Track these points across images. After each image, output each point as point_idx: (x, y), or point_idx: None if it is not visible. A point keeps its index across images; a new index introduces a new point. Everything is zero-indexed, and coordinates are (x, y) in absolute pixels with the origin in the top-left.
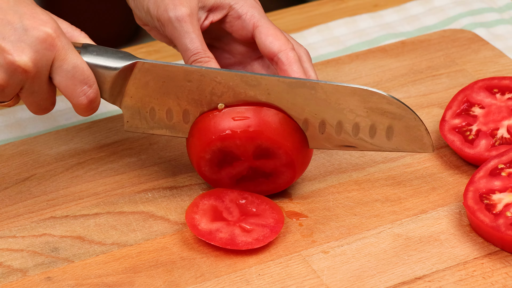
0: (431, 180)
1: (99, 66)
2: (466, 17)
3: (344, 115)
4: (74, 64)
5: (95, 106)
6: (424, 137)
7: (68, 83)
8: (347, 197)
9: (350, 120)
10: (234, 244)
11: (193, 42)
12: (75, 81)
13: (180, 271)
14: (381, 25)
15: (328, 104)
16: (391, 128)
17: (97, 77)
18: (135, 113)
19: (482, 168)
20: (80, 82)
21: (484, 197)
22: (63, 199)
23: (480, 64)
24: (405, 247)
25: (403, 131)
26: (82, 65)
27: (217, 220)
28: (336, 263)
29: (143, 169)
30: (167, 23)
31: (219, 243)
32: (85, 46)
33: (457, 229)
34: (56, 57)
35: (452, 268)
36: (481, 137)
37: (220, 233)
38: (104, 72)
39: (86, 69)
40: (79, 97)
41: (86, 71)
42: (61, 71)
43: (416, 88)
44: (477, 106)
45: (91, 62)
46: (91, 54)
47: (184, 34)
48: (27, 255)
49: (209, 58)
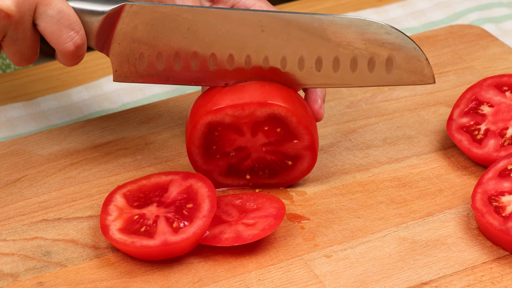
0: (438, 181)
1: (85, 11)
2: (474, 12)
3: (341, 50)
4: (59, 8)
5: (82, 53)
6: (424, 67)
7: (53, 29)
8: (351, 199)
9: (348, 54)
10: (241, 240)
11: None
12: (60, 26)
13: (177, 276)
14: (386, 21)
15: (324, 38)
16: (391, 59)
17: (83, 23)
18: (123, 61)
19: (491, 169)
20: (66, 27)
21: (493, 199)
22: (56, 201)
23: (489, 61)
24: (411, 251)
25: (403, 62)
26: (68, 9)
27: (218, 224)
28: (339, 267)
29: (138, 170)
30: None
31: (225, 243)
32: None
33: (465, 232)
34: (40, 1)
35: (460, 273)
36: (489, 137)
37: (225, 234)
38: (91, 17)
39: (72, 14)
40: (65, 44)
41: (72, 16)
42: (46, 17)
43: (422, 86)
44: (485, 105)
45: (76, 7)
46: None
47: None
48: (18, 259)
49: None
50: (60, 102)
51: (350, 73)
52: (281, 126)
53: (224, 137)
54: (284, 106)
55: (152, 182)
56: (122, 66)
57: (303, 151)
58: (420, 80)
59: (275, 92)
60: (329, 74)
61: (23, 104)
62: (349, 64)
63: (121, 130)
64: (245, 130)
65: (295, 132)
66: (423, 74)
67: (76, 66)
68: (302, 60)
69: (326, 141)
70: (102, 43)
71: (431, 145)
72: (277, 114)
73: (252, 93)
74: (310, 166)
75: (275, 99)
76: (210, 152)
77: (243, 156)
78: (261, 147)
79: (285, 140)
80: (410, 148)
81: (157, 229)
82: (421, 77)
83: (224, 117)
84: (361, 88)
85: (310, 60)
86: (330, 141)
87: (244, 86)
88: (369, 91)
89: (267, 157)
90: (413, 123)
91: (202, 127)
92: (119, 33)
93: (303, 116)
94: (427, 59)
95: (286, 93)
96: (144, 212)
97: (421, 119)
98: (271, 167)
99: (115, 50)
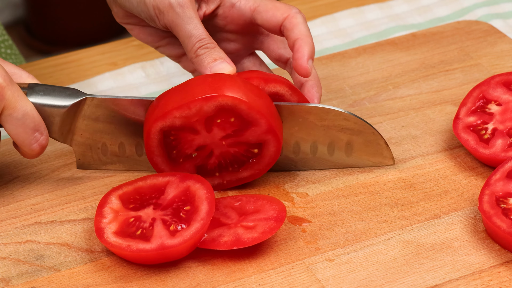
0: (444, 182)
1: (47, 106)
2: (482, 7)
3: (300, 135)
4: (24, 111)
5: (44, 149)
6: (383, 150)
7: (19, 131)
8: (354, 201)
9: (308, 139)
10: (240, 243)
11: (197, 28)
12: (26, 128)
13: (174, 280)
14: (390, 16)
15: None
16: (350, 144)
17: (46, 116)
18: (86, 150)
19: (499, 170)
20: (31, 129)
21: (501, 201)
22: (49, 203)
23: (496, 58)
24: (416, 254)
25: (362, 146)
26: (32, 111)
27: (216, 226)
28: (341, 272)
29: (134, 171)
30: (168, 10)
31: (224, 247)
32: (31, 87)
33: (471, 235)
34: (5, 106)
35: (467, 277)
36: (497, 137)
37: (223, 237)
38: (53, 111)
39: (36, 115)
40: (31, 145)
41: (36, 117)
42: (11, 119)
43: (428, 84)
44: (493, 103)
45: (38, 102)
46: (38, 94)
47: (188, 19)
48: (10, 264)
49: (214, 45)
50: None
51: (311, 157)
52: (233, 116)
53: (180, 140)
54: (229, 95)
55: (149, 183)
56: (85, 155)
57: (264, 136)
58: (380, 162)
59: (218, 83)
60: (289, 157)
61: None
62: (309, 148)
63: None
64: (199, 128)
65: (249, 119)
66: (382, 156)
67: (70, 63)
68: None
69: None
70: (65, 135)
71: (437, 145)
72: (224, 105)
73: (195, 89)
74: (277, 150)
75: (219, 90)
76: (172, 157)
77: (207, 155)
78: (221, 142)
79: (242, 129)
80: (415, 148)
81: (153, 232)
82: (381, 159)
83: (174, 120)
84: (364, 86)
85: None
86: None
87: (188, 84)
88: (372, 89)
89: (230, 151)
90: (418, 122)
91: (156, 135)
92: (81, 125)
93: (253, 100)
94: (385, 142)
95: (231, 81)
96: (140, 215)
97: (427, 118)
98: (238, 159)
99: (77, 141)
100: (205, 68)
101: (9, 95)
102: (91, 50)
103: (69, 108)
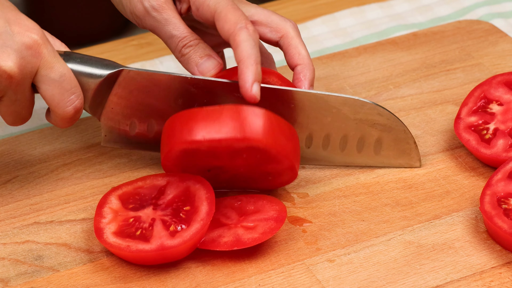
0: (445, 183)
1: (83, 74)
2: (483, 7)
3: (332, 127)
4: (61, 72)
5: (78, 116)
6: (412, 150)
7: (54, 92)
8: (354, 201)
9: (339, 132)
10: (240, 244)
11: (176, 28)
12: (62, 90)
13: (174, 281)
14: (391, 16)
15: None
16: (380, 141)
17: (80, 85)
18: (114, 126)
19: (500, 170)
20: (67, 91)
21: (502, 202)
22: (48, 203)
23: (498, 57)
24: (417, 255)
25: (392, 145)
26: (69, 74)
27: (216, 227)
28: (342, 272)
29: (134, 171)
30: (144, 15)
31: (224, 247)
32: (67, 53)
33: (473, 236)
34: (41, 64)
35: (468, 278)
36: (498, 137)
37: (223, 238)
38: (88, 80)
39: (73, 78)
40: (65, 107)
41: (73, 80)
42: (48, 80)
43: (429, 84)
44: (495, 103)
45: (75, 69)
46: (75, 61)
47: (165, 22)
48: (8, 264)
49: (198, 41)
50: None
51: (339, 152)
52: (260, 154)
53: (200, 159)
54: (263, 140)
55: (149, 184)
56: (112, 131)
57: (282, 171)
58: (406, 162)
59: (252, 122)
60: (318, 152)
61: None
62: (339, 143)
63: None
64: (223, 157)
65: (275, 159)
66: (410, 156)
67: None
68: None
69: None
70: (96, 107)
71: (438, 145)
72: (255, 146)
73: (228, 124)
74: (291, 180)
75: (253, 132)
76: (186, 166)
77: (220, 172)
78: (239, 167)
79: (264, 164)
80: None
81: (153, 232)
82: (408, 159)
83: (200, 146)
84: (365, 86)
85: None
86: None
87: (221, 113)
88: (373, 89)
89: (245, 173)
90: (419, 122)
91: (177, 153)
92: (114, 98)
93: (283, 145)
94: (415, 142)
95: (266, 120)
96: (139, 215)
97: (428, 118)
98: (250, 179)
99: (107, 115)
100: (193, 68)
101: (45, 53)
102: (91, 49)
103: (104, 78)
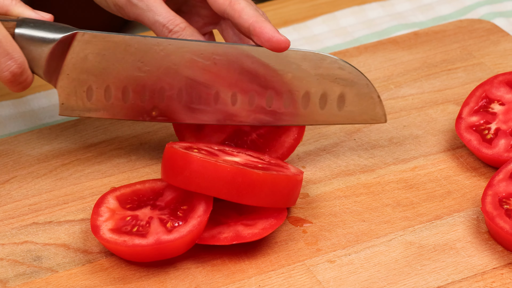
0: (446, 183)
1: (36, 39)
2: (484, 6)
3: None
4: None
5: (23, 80)
6: (376, 105)
7: None
8: (355, 202)
9: (300, 89)
10: (240, 238)
11: (159, 13)
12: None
13: (173, 282)
14: (392, 15)
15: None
16: (343, 96)
17: (33, 50)
18: (71, 93)
19: (502, 170)
20: (3, 56)
21: (504, 202)
22: (46, 204)
23: (499, 57)
24: (418, 256)
25: (355, 100)
26: (5, 39)
27: (216, 225)
28: (343, 273)
29: (133, 171)
30: (126, 4)
31: (224, 242)
32: (22, 19)
33: (474, 236)
34: None
35: (469, 279)
36: (500, 137)
37: (223, 234)
38: (41, 45)
39: (9, 42)
40: (2, 72)
41: (9, 44)
42: None
43: (430, 83)
44: (496, 103)
45: (27, 34)
46: (28, 26)
47: (147, 8)
48: (7, 264)
49: (184, 24)
50: (51, 100)
51: (302, 110)
52: None
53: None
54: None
55: (147, 187)
56: (69, 99)
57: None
58: (371, 118)
59: None
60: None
61: (12, 103)
62: (301, 99)
63: (115, 130)
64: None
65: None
66: (374, 112)
67: None
68: (253, 96)
69: (329, 141)
70: (51, 74)
71: (439, 145)
72: None
73: None
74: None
75: None
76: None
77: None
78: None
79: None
80: (417, 148)
81: (150, 229)
82: (372, 115)
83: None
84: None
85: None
86: (333, 140)
87: None
88: None
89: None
90: (420, 122)
91: None
92: (69, 63)
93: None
94: (379, 96)
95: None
96: (137, 214)
97: (429, 118)
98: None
99: (63, 82)
100: None
101: None
102: None
103: (58, 42)
